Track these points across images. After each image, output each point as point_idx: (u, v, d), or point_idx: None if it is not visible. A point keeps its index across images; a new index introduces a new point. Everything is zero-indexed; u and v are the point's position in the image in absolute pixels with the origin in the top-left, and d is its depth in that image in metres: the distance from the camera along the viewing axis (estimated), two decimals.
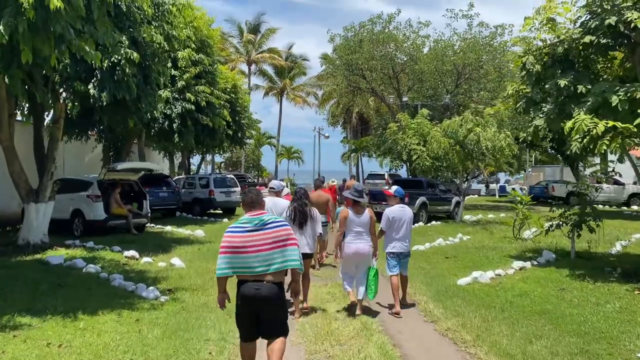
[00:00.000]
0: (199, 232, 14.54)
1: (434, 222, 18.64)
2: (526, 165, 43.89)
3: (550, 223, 11.31)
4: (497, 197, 38.52)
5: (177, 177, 23.06)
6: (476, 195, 39.88)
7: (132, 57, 9.87)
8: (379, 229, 7.14)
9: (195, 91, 16.95)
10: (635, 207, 28.05)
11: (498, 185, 41.72)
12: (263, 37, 45.23)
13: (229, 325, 5.93)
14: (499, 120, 18.61)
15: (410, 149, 22.75)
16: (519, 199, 14.47)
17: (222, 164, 50.51)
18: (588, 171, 34.76)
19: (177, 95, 16.74)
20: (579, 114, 8.28)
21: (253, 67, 45.19)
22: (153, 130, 17.17)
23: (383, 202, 19.09)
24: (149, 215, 14.62)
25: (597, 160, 32.98)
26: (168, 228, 15.91)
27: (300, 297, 6.70)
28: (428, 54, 26.59)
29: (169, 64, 16.66)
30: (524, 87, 10.65)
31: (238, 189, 20.64)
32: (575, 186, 11.59)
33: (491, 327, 6.21)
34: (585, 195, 11.27)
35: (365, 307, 6.88)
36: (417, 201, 18.45)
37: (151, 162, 14.63)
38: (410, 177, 22.71)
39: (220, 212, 21.38)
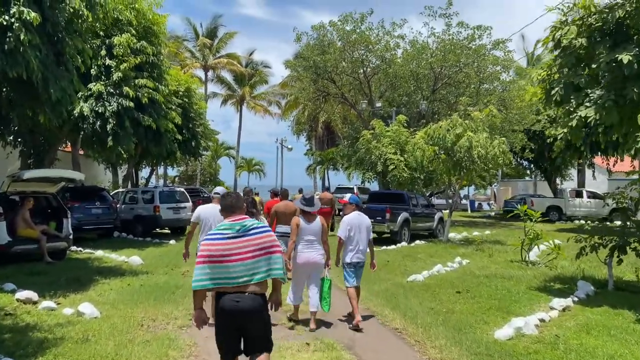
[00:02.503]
0: (135, 258, 11.47)
1: (417, 242, 16.16)
2: (496, 179, 42.19)
3: (584, 244, 8.90)
4: (469, 212, 36.68)
5: (116, 191, 19.81)
6: (445, 211, 37.92)
7: (28, 18, 6.97)
8: (338, 238, 6.78)
9: (135, 85, 13.93)
10: (618, 222, 26.46)
11: (468, 200, 39.90)
12: (221, 42, 42.13)
13: None
14: (490, 125, 16.34)
15: (386, 158, 20.37)
16: (527, 215, 12.05)
17: (177, 178, 46.90)
18: (565, 185, 33.50)
19: (112, 90, 13.67)
20: None
21: (210, 73, 41.97)
22: (83, 133, 13.99)
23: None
24: (70, 237, 11.45)
25: (574, 173, 31.78)
26: (99, 253, 12.77)
27: None
28: (403, 55, 24.37)
29: (103, 52, 13.69)
30: (555, 70, 8.30)
31: (189, 204, 17.55)
32: (615, 199, 9.21)
33: None
34: (628, 211, 8.92)
35: (319, 320, 6.54)
36: (399, 217, 15.97)
37: (78, 173, 11.47)
38: (388, 190, 20.15)
39: (168, 231, 18.24)
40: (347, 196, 7.22)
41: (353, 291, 6.68)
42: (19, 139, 14.37)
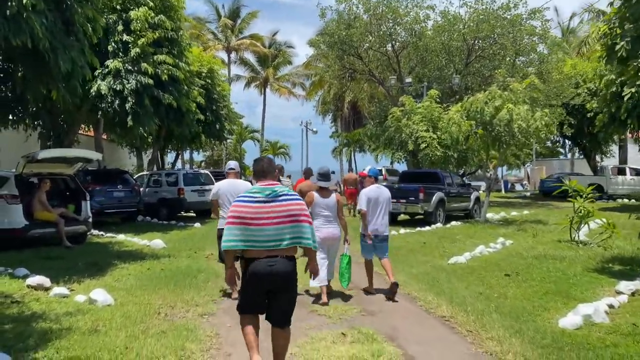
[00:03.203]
0: (157, 242, 10.93)
1: (453, 223, 15.25)
2: (529, 158, 40.50)
3: None
4: (503, 192, 35.34)
5: (140, 174, 19.39)
6: (481, 191, 36.59)
7: None
8: (359, 210, 6.89)
9: (154, 62, 13.29)
10: None
11: (502, 180, 38.46)
12: (243, 22, 41.27)
13: None
14: (531, 97, 15.20)
15: (418, 136, 19.39)
16: (576, 191, 11.04)
17: (203, 163, 46.63)
18: (606, 162, 31.88)
19: (130, 67, 13.05)
20: None
21: (233, 55, 41.27)
22: (101, 112, 13.44)
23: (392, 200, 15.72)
24: (90, 220, 10.96)
25: (616, 150, 30.16)
26: (120, 237, 12.32)
27: None
28: (434, 27, 23.15)
29: (120, 27, 13.09)
30: (615, 24, 7.29)
31: (213, 187, 16.96)
32: None
33: None
34: None
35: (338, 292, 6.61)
36: (434, 198, 15.05)
37: (95, 152, 10.95)
38: (421, 169, 19.21)
39: (193, 214, 17.77)
40: (367, 168, 7.30)
41: (370, 265, 6.78)
42: (38, 121, 13.89)
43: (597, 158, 30.52)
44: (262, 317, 3.88)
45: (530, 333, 4.94)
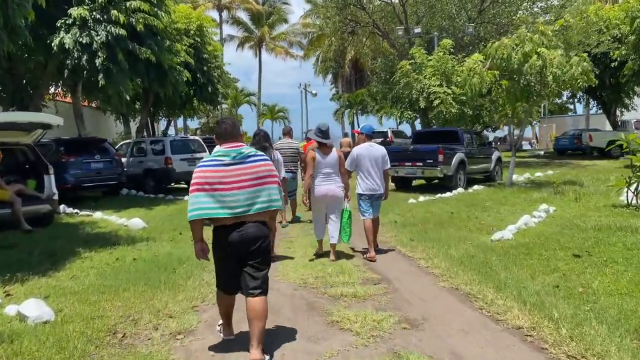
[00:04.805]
0: (135, 221, 9.19)
1: (475, 187, 13.53)
2: (538, 115, 38.32)
3: None
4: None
5: (121, 143, 17.55)
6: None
7: None
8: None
9: (127, 9, 11.27)
10: None
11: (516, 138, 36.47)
12: None
13: None
14: (565, 40, 13.20)
15: (430, 92, 17.50)
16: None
17: (198, 130, 44.50)
18: (627, 116, 29.93)
19: (98, 15, 11.05)
20: None
21: (225, 14, 38.73)
22: (67, 71, 11.50)
23: (406, 163, 13.99)
24: (55, 197, 9.20)
25: (638, 103, 28.14)
26: (97, 215, 10.65)
27: None
28: None
29: None
30: None
31: (206, 154, 15.18)
32: None
33: None
34: None
35: (339, 252, 6.47)
36: (454, 159, 13.28)
37: (54, 116, 9.09)
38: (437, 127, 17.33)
39: (184, 185, 16.00)
40: (361, 126, 7.26)
41: (369, 223, 6.55)
42: None
43: (617, 113, 28.56)
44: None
45: None
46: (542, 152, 31.92)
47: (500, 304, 4.42)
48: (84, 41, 10.86)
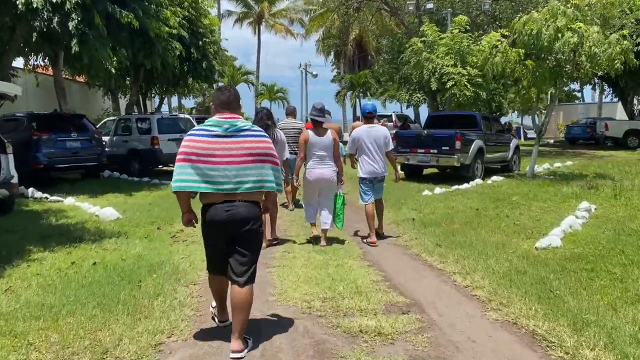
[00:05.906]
0: (108, 211, 7.85)
1: (494, 178, 12.21)
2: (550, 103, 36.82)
3: None
4: (522, 140, 32.12)
5: (103, 120, 16.11)
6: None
7: None
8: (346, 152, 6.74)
9: None
10: None
11: (521, 128, 35.19)
12: None
13: None
14: (602, 15, 11.75)
15: (443, 73, 16.09)
16: None
17: (193, 110, 42.90)
18: None
19: None
20: None
21: None
22: (35, 34, 10.04)
23: (419, 150, 12.65)
24: (13, 180, 7.85)
25: None
26: (68, 201, 9.32)
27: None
28: None
29: None
30: None
31: None
32: None
33: None
34: None
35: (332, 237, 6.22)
36: (472, 146, 11.95)
37: (11, 84, 7.71)
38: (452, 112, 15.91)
39: (172, 168, 14.62)
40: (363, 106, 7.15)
41: (370, 208, 6.38)
42: None
43: (635, 101, 27.19)
44: None
45: None
46: (551, 141, 30.64)
47: (589, 357, 3.11)
48: (54, 0, 9.38)
